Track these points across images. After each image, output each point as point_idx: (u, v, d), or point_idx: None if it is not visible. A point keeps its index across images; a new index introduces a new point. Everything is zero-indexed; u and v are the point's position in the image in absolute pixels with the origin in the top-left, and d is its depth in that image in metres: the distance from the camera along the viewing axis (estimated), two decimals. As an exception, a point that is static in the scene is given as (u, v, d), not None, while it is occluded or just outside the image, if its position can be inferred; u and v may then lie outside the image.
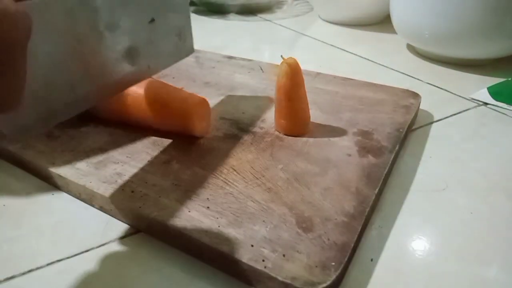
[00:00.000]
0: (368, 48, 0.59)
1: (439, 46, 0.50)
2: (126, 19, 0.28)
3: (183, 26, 0.34)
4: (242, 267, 0.22)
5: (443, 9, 0.46)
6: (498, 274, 0.23)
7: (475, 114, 0.41)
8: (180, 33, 0.34)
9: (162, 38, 0.32)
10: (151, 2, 0.30)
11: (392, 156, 0.30)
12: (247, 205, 0.26)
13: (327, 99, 0.39)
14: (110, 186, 0.27)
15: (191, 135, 0.32)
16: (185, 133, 0.32)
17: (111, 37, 0.27)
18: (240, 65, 0.48)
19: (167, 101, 0.32)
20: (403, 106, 0.37)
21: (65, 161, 0.30)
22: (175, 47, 0.34)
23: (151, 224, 0.25)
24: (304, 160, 0.30)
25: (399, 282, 0.23)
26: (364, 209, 0.25)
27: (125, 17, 0.28)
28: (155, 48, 0.31)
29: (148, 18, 0.30)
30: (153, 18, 0.30)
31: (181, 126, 0.32)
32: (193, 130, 0.32)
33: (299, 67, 0.31)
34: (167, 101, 0.32)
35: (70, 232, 0.26)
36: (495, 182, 0.30)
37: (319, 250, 0.22)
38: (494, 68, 0.50)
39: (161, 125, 0.33)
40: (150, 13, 0.30)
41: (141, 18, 0.29)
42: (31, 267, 0.24)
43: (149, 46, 0.30)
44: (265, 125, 0.35)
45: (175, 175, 0.28)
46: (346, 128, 0.34)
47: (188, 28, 0.35)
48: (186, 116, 0.31)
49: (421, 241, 0.25)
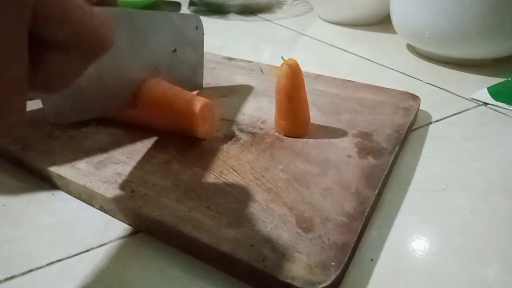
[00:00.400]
0: (368, 48, 0.59)
1: (439, 46, 0.50)
2: (154, 44, 0.33)
3: (197, 62, 0.39)
4: (242, 267, 0.22)
5: (443, 9, 0.46)
6: (498, 274, 0.23)
7: (475, 114, 0.41)
8: (194, 68, 0.39)
9: (179, 68, 0.37)
10: (175, 35, 0.35)
11: (391, 158, 0.30)
12: (247, 205, 0.26)
13: (327, 101, 0.39)
14: (110, 186, 0.27)
15: (194, 136, 0.32)
16: (188, 134, 0.32)
17: (141, 54, 0.32)
18: (240, 66, 0.48)
19: (172, 101, 0.31)
20: (402, 108, 0.38)
21: (65, 161, 0.30)
22: (188, 80, 0.39)
23: (152, 224, 0.25)
24: (304, 161, 0.30)
25: (399, 282, 0.23)
26: (364, 209, 0.25)
27: (154, 42, 0.33)
28: (172, 74, 0.35)
29: (171, 48, 0.35)
30: (176, 49, 0.35)
31: (184, 127, 0.32)
32: (196, 132, 0.31)
33: (300, 68, 0.31)
34: (173, 101, 0.31)
35: (70, 232, 0.26)
36: (495, 182, 0.30)
37: (319, 250, 0.22)
38: (494, 68, 0.50)
39: (164, 125, 0.33)
40: (173, 44, 0.35)
41: (166, 46, 0.34)
42: (31, 267, 0.24)
43: (168, 71, 0.35)
44: (265, 126, 0.35)
45: (175, 175, 0.28)
46: (346, 129, 0.34)
47: (201, 65, 0.40)
48: (190, 117, 0.31)
49: (421, 241, 0.25)
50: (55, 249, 0.25)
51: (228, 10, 0.80)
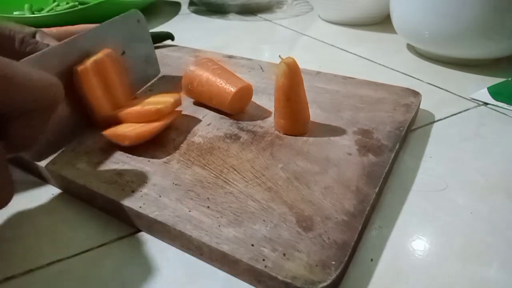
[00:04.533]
0: (368, 48, 0.59)
1: (439, 46, 0.50)
2: None
3: (149, 53, 0.42)
4: (243, 267, 0.22)
5: (443, 9, 0.46)
6: (498, 274, 0.23)
7: (475, 114, 0.41)
8: (147, 59, 0.42)
9: (132, 64, 0.38)
10: (122, 38, 0.37)
11: (392, 155, 0.30)
12: (247, 205, 0.26)
13: (327, 98, 0.39)
14: (111, 186, 0.27)
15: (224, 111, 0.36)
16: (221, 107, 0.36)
17: None
18: (240, 64, 0.48)
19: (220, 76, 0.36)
20: (403, 105, 0.37)
21: (66, 161, 0.30)
22: (143, 71, 0.41)
23: (152, 224, 0.25)
24: (304, 159, 0.30)
25: (399, 281, 0.23)
26: (365, 208, 0.25)
27: None
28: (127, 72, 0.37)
29: (120, 51, 0.37)
30: (124, 51, 0.38)
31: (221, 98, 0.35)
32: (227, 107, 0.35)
33: (298, 66, 0.31)
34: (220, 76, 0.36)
35: (70, 232, 0.26)
36: (495, 182, 0.30)
37: (319, 249, 0.22)
38: (494, 68, 0.50)
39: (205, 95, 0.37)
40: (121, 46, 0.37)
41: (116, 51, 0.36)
42: (31, 267, 0.24)
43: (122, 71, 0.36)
44: (265, 124, 0.35)
45: (175, 175, 0.28)
46: (346, 127, 0.34)
47: (153, 54, 0.43)
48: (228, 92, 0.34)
49: (421, 241, 0.25)
50: (55, 249, 0.25)
51: (228, 10, 0.80)
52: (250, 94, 0.37)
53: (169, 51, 0.53)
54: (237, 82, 0.35)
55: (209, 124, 0.35)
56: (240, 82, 0.36)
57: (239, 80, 0.36)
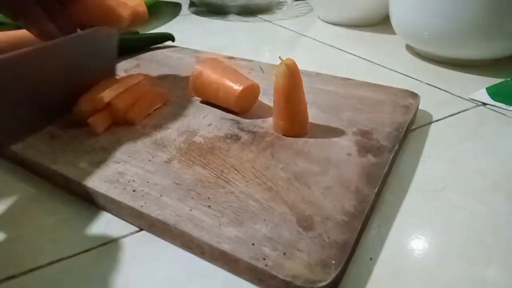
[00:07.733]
0: (368, 48, 0.59)
1: (438, 47, 0.50)
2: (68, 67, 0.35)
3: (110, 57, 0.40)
4: (243, 266, 0.22)
5: (443, 9, 0.46)
6: (497, 274, 0.23)
7: (474, 114, 0.41)
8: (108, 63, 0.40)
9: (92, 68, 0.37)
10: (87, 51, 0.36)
11: (391, 156, 0.30)
12: (248, 204, 0.26)
13: (327, 99, 0.39)
14: (112, 185, 0.28)
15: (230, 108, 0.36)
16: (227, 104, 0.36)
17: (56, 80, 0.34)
18: (240, 65, 0.48)
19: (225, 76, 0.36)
20: (402, 106, 0.38)
21: (67, 161, 0.30)
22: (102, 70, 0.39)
23: (153, 223, 0.25)
24: (304, 160, 0.30)
25: (398, 281, 0.23)
26: (364, 208, 0.25)
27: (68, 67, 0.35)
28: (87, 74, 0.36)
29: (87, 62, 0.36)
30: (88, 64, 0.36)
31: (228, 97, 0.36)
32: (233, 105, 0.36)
33: (297, 68, 0.32)
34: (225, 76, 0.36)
35: (71, 231, 0.26)
36: (494, 182, 0.30)
37: (319, 249, 0.22)
38: (493, 69, 0.50)
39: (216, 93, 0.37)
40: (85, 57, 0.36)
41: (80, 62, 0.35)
42: (31, 267, 0.24)
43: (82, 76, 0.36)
44: (265, 125, 0.35)
45: (176, 174, 0.29)
46: (346, 127, 0.34)
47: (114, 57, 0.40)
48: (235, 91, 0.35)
49: (420, 240, 0.25)
50: (56, 248, 0.25)
51: (228, 11, 0.80)
52: (257, 95, 0.37)
53: (170, 52, 0.53)
54: (245, 81, 0.36)
55: (210, 125, 0.35)
56: (248, 80, 0.36)
57: (247, 79, 0.36)
